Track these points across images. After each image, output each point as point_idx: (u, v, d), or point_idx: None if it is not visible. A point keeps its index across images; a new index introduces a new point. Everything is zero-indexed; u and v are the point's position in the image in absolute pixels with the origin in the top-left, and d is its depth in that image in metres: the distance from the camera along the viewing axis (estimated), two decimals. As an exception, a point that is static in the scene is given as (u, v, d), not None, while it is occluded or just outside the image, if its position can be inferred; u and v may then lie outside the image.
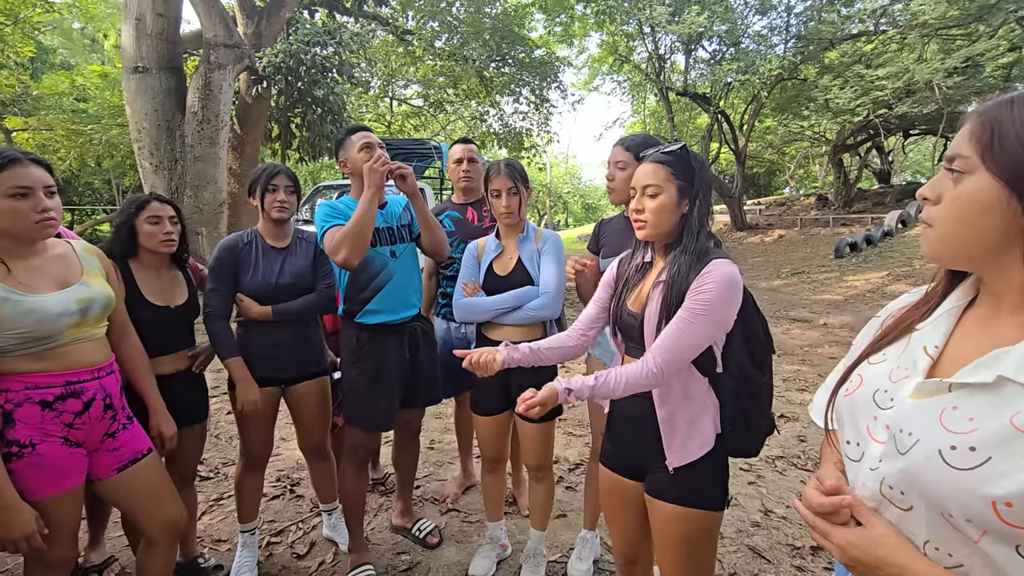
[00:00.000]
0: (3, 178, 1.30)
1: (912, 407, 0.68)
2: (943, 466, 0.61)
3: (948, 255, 0.70)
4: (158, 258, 1.87)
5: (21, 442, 1.33)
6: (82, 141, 11.19)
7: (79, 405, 1.41)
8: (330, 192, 8.19)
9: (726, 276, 1.20)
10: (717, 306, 1.19)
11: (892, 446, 0.69)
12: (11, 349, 1.32)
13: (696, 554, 1.30)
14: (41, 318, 1.33)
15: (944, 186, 0.67)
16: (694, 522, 1.28)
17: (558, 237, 2.00)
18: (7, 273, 1.33)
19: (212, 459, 3.10)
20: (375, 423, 2.07)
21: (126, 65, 6.84)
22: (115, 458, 1.51)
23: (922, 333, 0.74)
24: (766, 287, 11.21)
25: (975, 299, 0.73)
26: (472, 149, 2.55)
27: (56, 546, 1.38)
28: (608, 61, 19.56)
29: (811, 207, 20.90)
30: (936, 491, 0.62)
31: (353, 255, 1.82)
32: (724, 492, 1.31)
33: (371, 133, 2.05)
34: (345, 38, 8.64)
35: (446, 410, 4.00)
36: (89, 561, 2.10)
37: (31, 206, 1.33)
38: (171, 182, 6.88)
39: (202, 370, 2.00)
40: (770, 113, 19.26)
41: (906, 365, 0.73)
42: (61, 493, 1.38)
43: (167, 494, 1.62)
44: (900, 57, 13.83)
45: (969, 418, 0.62)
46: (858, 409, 0.76)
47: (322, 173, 18.78)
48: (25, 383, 1.34)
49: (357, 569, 2.08)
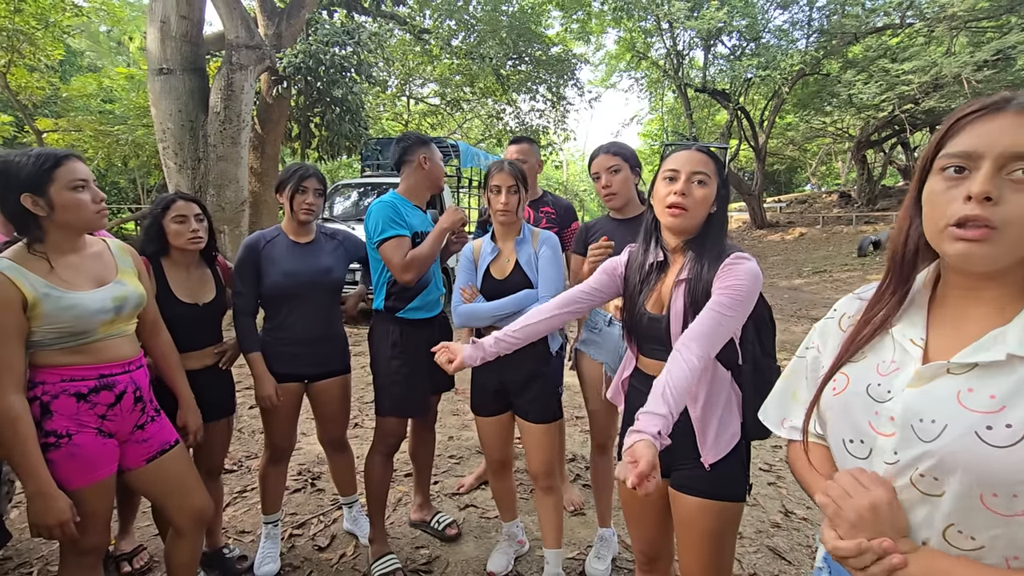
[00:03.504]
0: (62, 173, 1.37)
1: (918, 395, 0.69)
2: (983, 446, 0.62)
3: (1011, 259, 0.65)
4: (188, 256, 1.91)
5: (59, 432, 1.38)
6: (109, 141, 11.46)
7: (111, 397, 1.46)
8: (348, 191, 8.28)
9: (753, 269, 1.23)
10: (748, 298, 1.21)
11: (908, 436, 0.69)
12: (49, 343, 1.38)
13: (721, 548, 1.31)
14: (79, 314, 1.38)
15: (1005, 185, 0.63)
16: (722, 515, 1.28)
17: (555, 238, 1.98)
18: (49, 270, 1.38)
19: (235, 452, 3.16)
20: (415, 409, 2.16)
21: (151, 67, 6.98)
22: (144, 449, 1.56)
23: (901, 328, 0.76)
24: (787, 286, 11.04)
25: (935, 288, 0.76)
26: (525, 150, 2.55)
27: (90, 534, 1.43)
28: (625, 58, 19.38)
29: (833, 204, 20.48)
30: (981, 471, 0.63)
31: (420, 276, 2.02)
32: (747, 480, 1.34)
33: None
34: (363, 38, 8.71)
35: (463, 407, 4.03)
36: (119, 549, 2.16)
37: (91, 197, 1.41)
38: (194, 181, 7.01)
39: (229, 366, 2.05)
40: (791, 109, 18.89)
41: (892, 358, 0.75)
42: (94, 483, 1.43)
43: (194, 485, 1.67)
44: (927, 51, 13.44)
45: (991, 396, 0.63)
46: (853, 406, 0.77)
47: (340, 172, 18.97)
48: (61, 376, 1.39)
49: (381, 559, 2.11)
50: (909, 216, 0.76)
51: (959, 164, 0.66)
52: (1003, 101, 0.65)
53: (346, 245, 2.21)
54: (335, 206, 7.97)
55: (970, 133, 0.66)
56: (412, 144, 2.10)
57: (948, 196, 0.67)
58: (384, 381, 2.10)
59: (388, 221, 1.97)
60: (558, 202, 2.56)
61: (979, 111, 0.66)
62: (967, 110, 0.68)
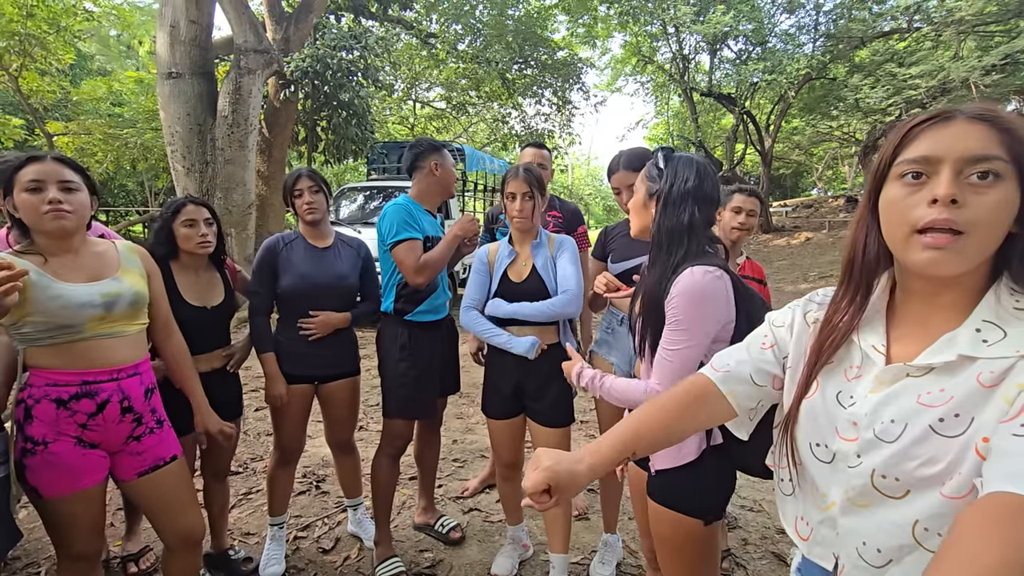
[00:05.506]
0: (21, 175, 1.36)
1: (881, 398, 0.71)
2: (939, 438, 0.65)
3: (975, 263, 0.66)
4: (197, 259, 1.93)
5: (35, 439, 1.36)
6: (118, 145, 11.54)
7: (92, 406, 1.41)
8: (354, 194, 8.31)
9: (688, 286, 1.17)
10: (688, 319, 1.17)
11: (870, 439, 0.71)
12: (36, 337, 1.35)
13: (687, 563, 1.26)
14: (64, 304, 1.35)
15: (965, 189, 0.64)
16: (678, 527, 1.25)
17: (573, 242, 2.00)
18: (44, 262, 1.38)
19: (241, 455, 3.18)
20: (423, 411, 2.18)
21: (160, 71, 7.05)
22: (137, 462, 1.51)
23: (863, 335, 0.77)
24: (792, 291, 10.99)
25: (892, 293, 0.78)
26: (545, 156, 2.56)
27: (77, 541, 1.43)
28: (631, 62, 19.41)
29: (840, 209, 20.37)
30: (937, 461, 0.65)
31: (431, 280, 2.06)
32: (712, 504, 1.25)
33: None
34: (370, 42, 8.74)
35: (468, 410, 4.03)
36: (126, 550, 2.17)
37: (41, 199, 1.35)
38: (202, 184, 7.07)
39: (236, 369, 2.07)
40: (797, 113, 18.85)
41: (856, 364, 0.77)
42: (75, 492, 1.40)
43: (186, 504, 1.60)
44: (935, 55, 13.40)
45: (941, 389, 0.67)
46: (819, 412, 0.78)
47: (346, 175, 19.05)
48: (46, 379, 1.37)
49: (385, 562, 2.11)
50: (865, 225, 0.77)
51: (917, 170, 0.67)
52: (951, 112, 0.67)
53: (361, 254, 2.24)
54: (341, 209, 8.01)
55: (925, 140, 0.67)
56: (424, 150, 2.12)
57: (909, 202, 0.67)
58: (392, 383, 2.12)
59: (402, 224, 2.00)
60: (565, 206, 2.58)
61: (930, 120, 0.68)
62: (918, 120, 0.69)
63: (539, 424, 1.96)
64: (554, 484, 0.83)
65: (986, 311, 0.67)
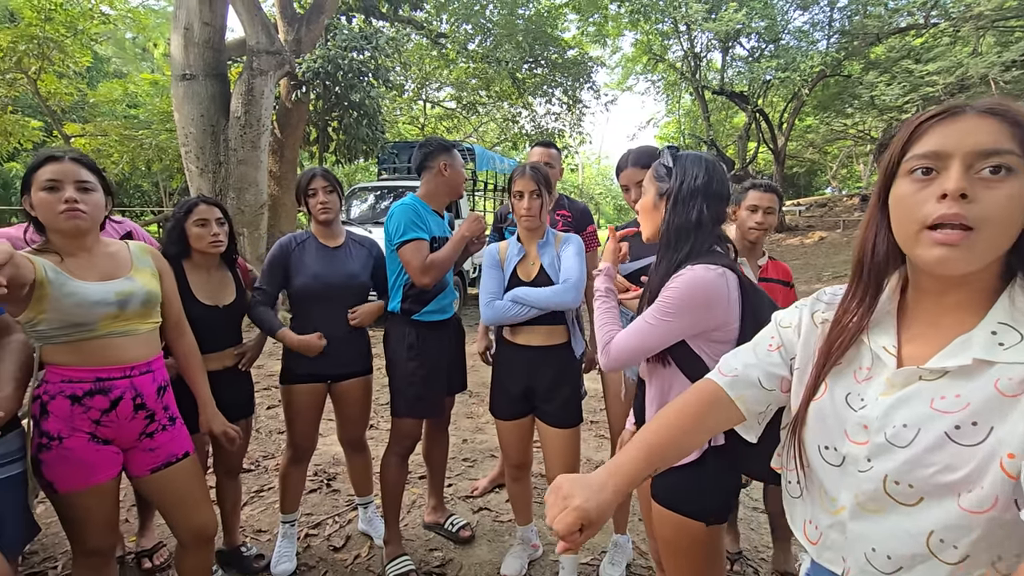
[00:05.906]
0: (39, 174, 1.38)
1: (892, 402, 0.69)
2: (955, 447, 0.63)
3: (986, 261, 0.65)
4: (209, 259, 1.95)
5: (51, 434, 1.39)
6: (133, 146, 11.69)
7: (106, 403, 1.43)
8: (365, 194, 8.36)
9: (687, 279, 1.16)
10: (677, 304, 1.16)
11: (881, 443, 0.69)
12: (51, 335, 1.37)
13: (690, 565, 1.25)
14: (79, 302, 1.37)
15: (976, 184, 0.62)
16: (679, 528, 1.23)
17: (579, 239, 2.00)
18: (60, 261, 1.40)
19: (253, 452, 3.21)
20: (431, 410, 2.17)
21: (175, 72, 7.13)
22: (150, 459, 1.54)
23: (874, 336, 0.76)
24: (806, 291, 10.79)
25: (903, 293, 0.76)
26: (553, 155, 2.56)
27: (91, 536, 1.45)
28: (642, 60, 19.30)
29: (854, 208, 20.12)
30: (954, 470, 0.64)
31: (437, 280, 2.05)
32: (714, 506, 1.23)
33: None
34: (381, 43, 8.78)
35: (477, 410, 4.04)
36: (140, 546, 2.20)
37: (57, 198, 1.37)
38: (215, 184, 7.14)
39: (248, 367, 2.08)
40: (811, 111, 18.63)
41: (866, 365, 0.75)
42: (89, 487, 1.42)
43: (198, 501, 1.62)
44: (952, 51, 13.16)
45: (956, 395, 0.65)
46: (828, 414, 0.77)
47: (357, 175, 19.16)
48: (61, 376, 1.40)
49: (395, 561, 2.12)
50: (875, 223, 0.75)
51: (927, 165, 0.66)
52: (961, 106, 0.66)
53: (373, 253, 2.25)
54: (352, 209, 8.05)
55: (934, 135, 0.66)
56: (434, 150, 2.12)
57: (919, 198, 0.66)
58: (400, 383, 2.12)
59: (409, 224, 2.00)
60: (574, 205, 2.56)
61: (939, 115, 0.67)
62: (927, 115, 0.68)
63: (548, 425, 1.95)
64: (586, 522, 0.80)
65: (1001, 313, 0.66)
